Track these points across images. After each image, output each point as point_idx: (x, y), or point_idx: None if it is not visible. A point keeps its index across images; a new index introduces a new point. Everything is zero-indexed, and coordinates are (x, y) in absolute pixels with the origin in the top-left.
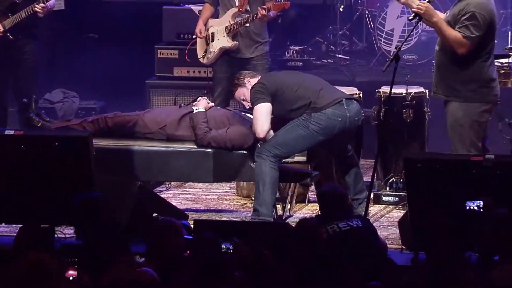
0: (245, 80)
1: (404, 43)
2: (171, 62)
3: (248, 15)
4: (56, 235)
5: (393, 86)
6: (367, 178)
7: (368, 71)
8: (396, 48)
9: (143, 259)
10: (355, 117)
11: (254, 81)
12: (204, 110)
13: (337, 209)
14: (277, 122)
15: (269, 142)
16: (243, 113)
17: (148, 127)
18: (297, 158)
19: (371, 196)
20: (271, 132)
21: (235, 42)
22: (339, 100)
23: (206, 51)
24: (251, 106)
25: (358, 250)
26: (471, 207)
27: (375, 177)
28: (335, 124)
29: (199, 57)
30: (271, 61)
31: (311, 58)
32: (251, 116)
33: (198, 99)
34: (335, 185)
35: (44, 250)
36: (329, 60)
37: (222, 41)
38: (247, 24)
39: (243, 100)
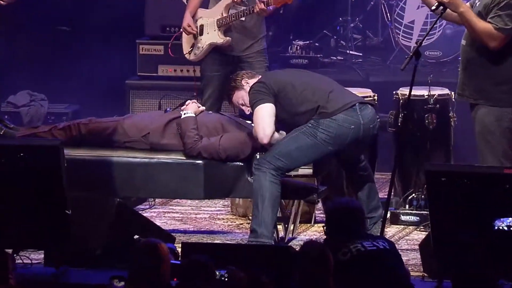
0: (243, 82)
1: (426, 37)
2: (155, 59)
3: (244, 8)
4: (21, 261)
5: (413, 87)
6: (383, 194)
7: (384, 69)
8: (416, 43)
9: (122, 284)
10: (370, 124)
11: (253, 82)
12: (194, 115)
13: (359, 225)
14: (279, 129)
15: (270, 152)
16: (239, 118)
17: (129, 135)
18: (302, 170)
19: (388, 215)
20: (276, 136)
21: (227, 38)
22: (351, 104)
23: (193, 46)
24: (251, 111)
25: (382, 277)
26: (503, 227)
27: (392, 193)
28: (347, 132)
29: (184, 53)
30: (272, 58)
31: (318, 55)
32: (249, 122)
33: (187, 102)
34: (350, 198)
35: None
36: (339, 57)
37: (212, 36)
38: (243, 18)
39: (242, 104)
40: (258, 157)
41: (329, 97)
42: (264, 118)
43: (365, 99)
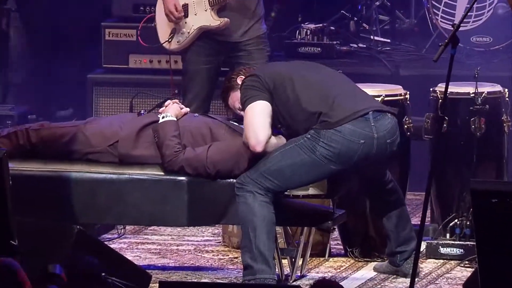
0: (239, 80)
1: (473, 19)
2: (125, 47)
3: None
4: None
5: (457, 83)
6: (416, 219)
7: (419, 60)
8: (453, 26)
9: None
10: (387, 138)
11: None
12: (175, 119)
13: None
14: (276, 134)
15: (257, 169)
16: (232, 122)
17: (92, 144)
18: (313, 189)
19: (423, 246)
20: (273, 142)
21: (225, 19)
22: (363, 112)
23: (173, 31)
24: None
25: None
26: None
27: (429, 219)
28: (355, 148)
29: (161, 42)
30: (274, 46)
31: (334, 42)
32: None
33: (166, 102)
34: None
35: None
36: (360, 45)
37: (203, 18)
38: None
39: (240, 109)
40: (248, 174)
41: (335, 102)
42: (257, 119)
43: (395, 97)
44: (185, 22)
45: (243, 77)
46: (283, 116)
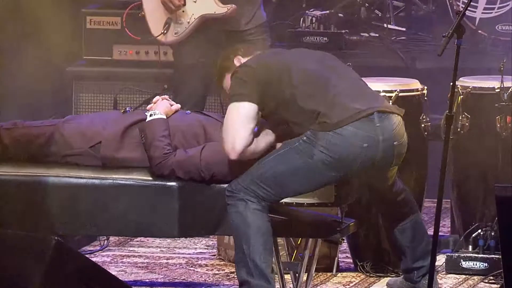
0: (235, 61)
1: (496, 6)
2: (108, 36)
3: None
4: None
5: (480, 77)
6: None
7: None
8: (457, 13)
9: None
10: (394, 140)
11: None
12: (165, 117)
13: None
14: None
15: (248, 175)
16: None
17: (71, 145)
18: (321, 197)
19: (443, 260)
20: (251, 149)
21: (232, 6)
22: (367, 112)
23: (169, 21)
24: None
25: None
26: None
27: (449, 229)
28: (357, 152)
29: (155, 34)
30: (275, 35)
31: (343, 31)
32: None
33: (154, 99)
34: None
35: None
36: (372, 34)
37: (205, 4)
38: None
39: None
40: (239, 181)
41: (336, 99)
42: (239, 124)
43: (411, 93)
44: (183, 11)
45: (240, 57)
46: (278, 113)
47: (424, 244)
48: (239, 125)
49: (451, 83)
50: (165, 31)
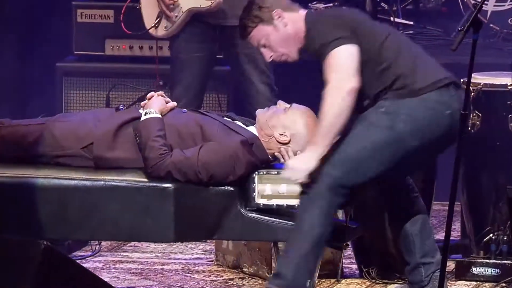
0: (274, 14)
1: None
2: (100, 31)
3: None
4: None
5: (493, 73)
6: (443, 234)
7: (448, 46)
8: (474, 7)
9: None
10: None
11: (290, 17)
12: (160, 115)
13: None
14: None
15: (329, 163)
16: (228, 119)
17: (62, 145)
18: None
19: (453, 266)
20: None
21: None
22: (446, 82)
23: (160, 15)
24: (278, 59)
25: None
26: None
27: (459, 233)
28: (439, 118)
29: (147, 27)
30: None
31: None
32: (243, 126)
33: (148, 95)
34: None
35: None
36: None
37: None
38: None
39: (264, 46)
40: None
41: (417, 64)
42: (351, 63)
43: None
44: (174, 4)
45: (280, 11)
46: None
47: (431, 240)
48: (351, 64)
49: (465, 80)
50: (156, 25)
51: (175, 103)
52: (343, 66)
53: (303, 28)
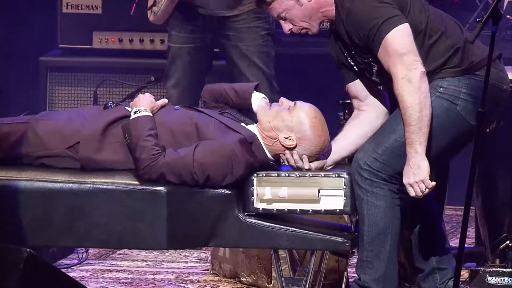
0: None
1: None
2: (87, 22)
3: None
4: None
5: (507, 68)
6: (457, 241)
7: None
8: None
9: None
10: None
11: None
12: (150, 114)
13: None
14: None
15: (381, 148)
16: (225, 116)
17: (46, 145)
18: (327, 202)
19: (466, 275)
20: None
21: None
22: (497, 52)
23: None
24: (298, 32)
25: None
26: None
27: (474, 240)
28: (497, 93)
29: (148, 9)
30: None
31: None
32: (241, 124)
33: (139, 94)
34: None
35: None
36: None
37: None
38: None
39: (284, 19)
40: (360, 162)
41: (463, 35)
42: (410, 43)
43: None
44: None
45: None
46: None
47: (447, 246)
48: (411, 45)
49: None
50: (151, 8)
51: (165, 100)
52: (403, 52)
53: (329, 2)
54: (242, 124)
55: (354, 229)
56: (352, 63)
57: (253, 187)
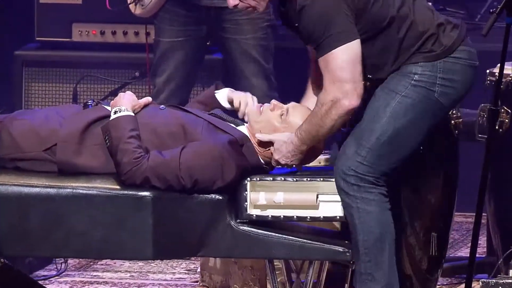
0: None
1: None
2: (66, 13)
3: None
4: None
5: None
6: (467, 251)
7: (471, 31)
8: None
9: None
10: None
11: None
12: (132, 114)
13: None
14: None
15: (366, 148)
16: (214, 116)
17: (21, 147)
18: (325, 208)
19: (478, 286)
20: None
21: None
22: (464, 30)
23: None
24: (244, 9)
25: None
26: None
27: (486, 249)
28: (472, 73)
29: (128, 1)
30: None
31: None
32: (231, 124)
33: (120, 93)
34: None
35: None
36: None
37: None
38: None
39: (252, 8)
40: (343, 168)
41: (438, 21)
42: (353, 66)
43: None
44: None
45: None
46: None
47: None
48: (354, 68)
49: (491, 70)
50: (136, 1)
51: (149, 98)
52: (344, 76)
53: None
54: (232, 125)
55: None
56: None
57: (246, 192)
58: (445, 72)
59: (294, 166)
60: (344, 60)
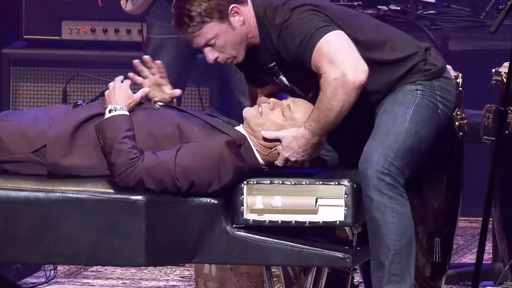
0: (232, 8)
1: None
2: (56, 10)
3: None
4: None
5: None
6: (473, 257)
7: (477, 29)
8: None
9: None
10: None
11: (246, 11)
12: (127, 113)
13: None
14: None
15: (386, 151)
16: (210, 116)
17: (8, 148)
18: (325, 212)
19: None
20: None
21: None
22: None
23: None
24: (224, 61)
25: None
26: None
27: (492, 255)
28: (456, 102)
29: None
30: None
31: (355, 3)
32: (227, 123)
33: (110, 84)
34: None
35: None
36: (392, 7)
37: None
38: None
39: (211, 45)
40: (378, 166)
41: (424, 46)
42: (346, 45)
43: None
44: None
45: (238, 6)
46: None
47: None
48: (347, 46)
49: (497, 69)
50: None
51: (145, 90)
52: (342, 54)
53: (254, 26)
54: (227, 123)
55: (357, 243)
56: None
57: (242, 196)
58: (441, 91)
59: (303, 163)
60: (338, 41)
